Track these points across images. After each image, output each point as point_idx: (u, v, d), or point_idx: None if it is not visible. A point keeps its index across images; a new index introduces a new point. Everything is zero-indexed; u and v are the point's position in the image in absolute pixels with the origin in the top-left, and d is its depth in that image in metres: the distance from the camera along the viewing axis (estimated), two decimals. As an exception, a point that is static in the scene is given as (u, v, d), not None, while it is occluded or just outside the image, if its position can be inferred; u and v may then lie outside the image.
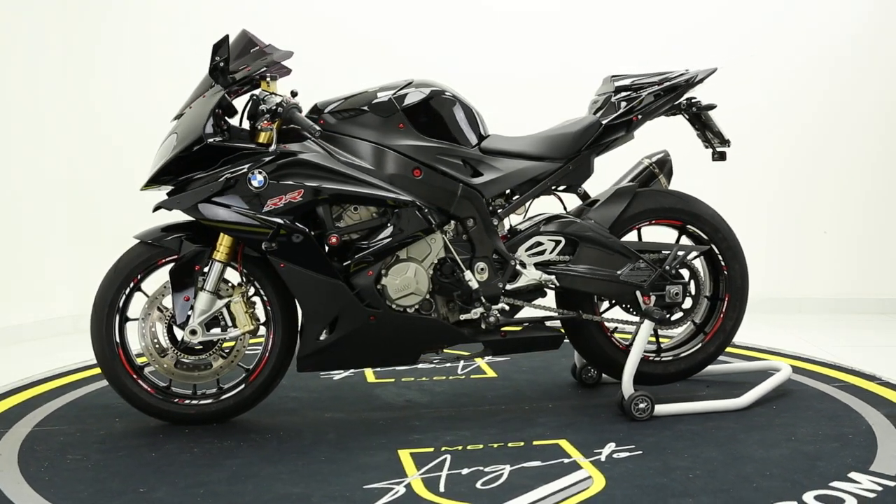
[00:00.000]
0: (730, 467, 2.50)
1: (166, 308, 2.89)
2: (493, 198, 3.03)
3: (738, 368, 3.50)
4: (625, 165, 3.30)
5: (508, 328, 3.03)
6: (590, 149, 3.09)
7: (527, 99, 4.83)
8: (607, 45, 4.93)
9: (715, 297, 3.26)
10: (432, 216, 2.91)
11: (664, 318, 3.04)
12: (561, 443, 2.72)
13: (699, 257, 3.24)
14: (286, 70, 2.95)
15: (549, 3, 4.97)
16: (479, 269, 2.98)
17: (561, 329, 3.13)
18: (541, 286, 3.03)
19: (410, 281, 2.90)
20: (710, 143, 3.22)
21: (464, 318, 2.98)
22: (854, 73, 4.97)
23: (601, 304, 3.18)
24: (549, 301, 3.11)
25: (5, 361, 4.01)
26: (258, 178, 2.76)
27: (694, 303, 3.19)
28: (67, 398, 3.29)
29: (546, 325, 3.10)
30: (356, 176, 2.84)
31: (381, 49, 4.87)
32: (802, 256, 5.06)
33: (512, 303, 3.01)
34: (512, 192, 3.08)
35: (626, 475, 2.45)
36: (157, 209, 2.83)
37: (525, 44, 4.95)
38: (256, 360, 2.95)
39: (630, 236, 3.17)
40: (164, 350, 2.89)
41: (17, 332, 4.45)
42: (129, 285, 2.87)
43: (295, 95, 2.81)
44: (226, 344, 2.91)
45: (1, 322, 4.39)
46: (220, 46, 2.80)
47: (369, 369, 3.64)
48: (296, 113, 2.74)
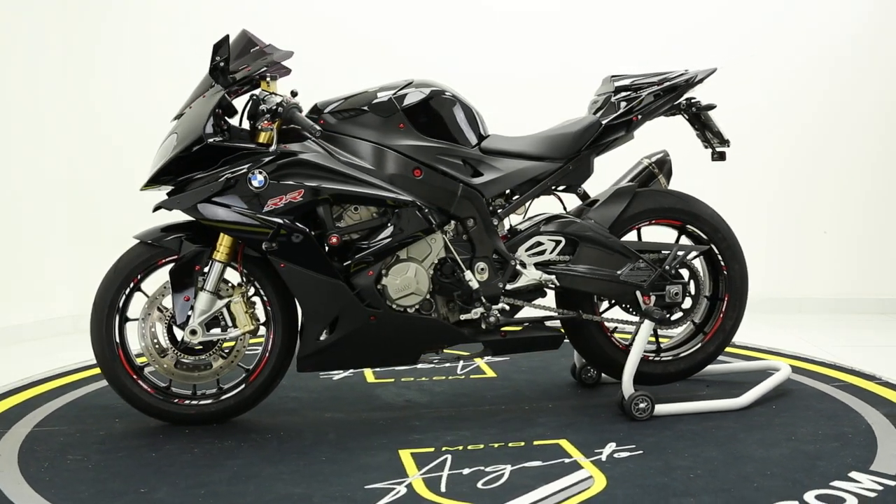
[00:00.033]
0: (730, 467, 2.51)
1: (166, 308, 2.89)
2: (494, 198, 3.03)
3: (737, 368, 3.50)
4: (624, 165, 3.31)
5: (508, 328, 3.03)
6: (590, 149, 3.10)
7: (527, 99, 4.83)
8: (607, 45, 4.94)
9: (714, 297, 3.26)
10: (432, 216, 2.91)
11: (664, 317, 3.04)
12: (561, 443, 2.73)
13: (699, 257, 3.24)
14: (286, 70, 2.95)
15: (549, 3, 4.97)
16: (479, 269, 2.98)
17: (561, 329, 3.13)
18: (541, 286, 3.03)
19: (411, 281, 2.90)
20: (710, 143, 3.22)
21: (464, 318, 2.98)
22: (854, 73, 4.97)
23: (601, 303, 3.18)
24: (549, 301, 3.11)
25: (5, 361, 4.00)
26: (258, 178, 2.76)
27: (693, 303, 3.19)
28: (67, 398, 3.28)
29: (546, 325, 3.10)
30: (356, 176, 2.84)
31: (381, 49, 4.87)
32: (802, 256, 5.06)
33: (512, 303, 3.01)
34: (512, 192, 3.08)
35: (627, 475, 2.45)
36: (157, 209, 2.82)
37: (525, 44, 4.95)
38: (256, 361, 2.95)
39: (630, 236, 3.18)
40: (164, 350, 2.89)
41: (17, 332, 4.45)
42: (129, 285, 2.86)
43: (295, 95, 2.81)
44: (226, 344, 2.91)
45: (1, 322, 4.38)
46: (221, 46, 2.80)
47: (369, 369, 3.64)
48: (296, 113, 2.74)
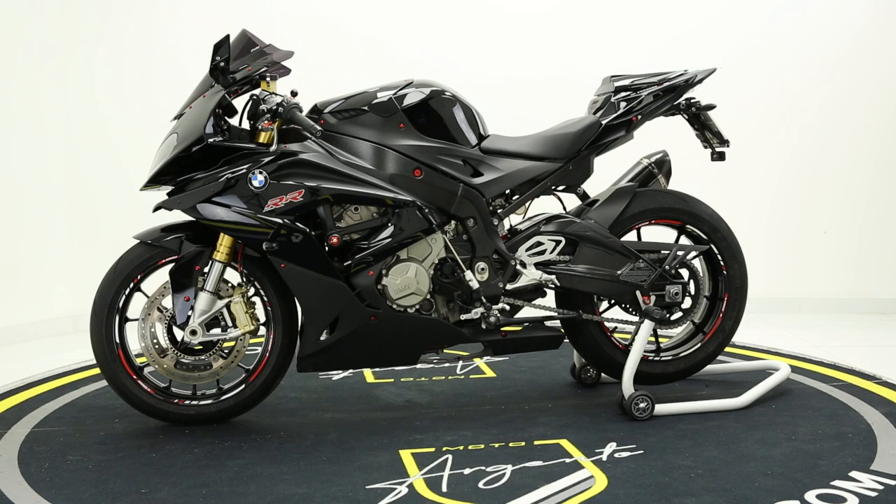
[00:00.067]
0: (731, 466, 2.51)
1: (166, 308, 2.89)
2: (494, 198, 3.03)
3: (736, 368, 3.51)
4: (624, 165, 3.31)
5: (508, 328, 3.03)
6: (590, 149, 3.09)
7: (527, 99, 4.84)
8: (607, 45, 4.94)
9: (714, 297, 3.26)
10: (433, 216, 2.91)
11: (664, 317, 3.04)
12: (562, 442, 2.73)
13: (698, 257, 3.24)
14: (286, 70, 2.95)
15: (550, 3, 4.98)
16: (479, 269, 2.97)
17: (561, 329, 3.13)
18: (541, 286, 3.03)
19: (411, 281, 2.89)
20: (709, 143, 3.22)
21: (464, 318, 2.98)
22: (854, 74, 4.97)
23: (601, 303, 3.18)
24: (549, 301, 3.11)
25: (5, 361, 4.00)
26: (259, 178, 2.75)
27: (693, 302, 3.19)
28: (66, 399, 3.28)
29: (546, 325, 3.10)
30: (357, 176, 2.83)
31: (382, 49, 4.87)
32: (802, 256, 5.06)
33: (512, 303, 3.01)
34: (512, 192, 3.08)
35: (628, 474, 2.45)
36: (157, 209, 2.82)
37: (525, 44, 4.95)
38: (256, 361, 2.94)
39: (630, 236, 3.18)
40: (164, 351, 2.88)
41: (17, 332, 4.45)
42: (129, 286, 2.86)
43: (295, 95, 2.80)
44: (226, 344, 2.91)
45: (1, 322, 4.38)
46: (221, 46, 2.80)
47: (368, 369, 3.64)
48: (297, 113, 2.73)
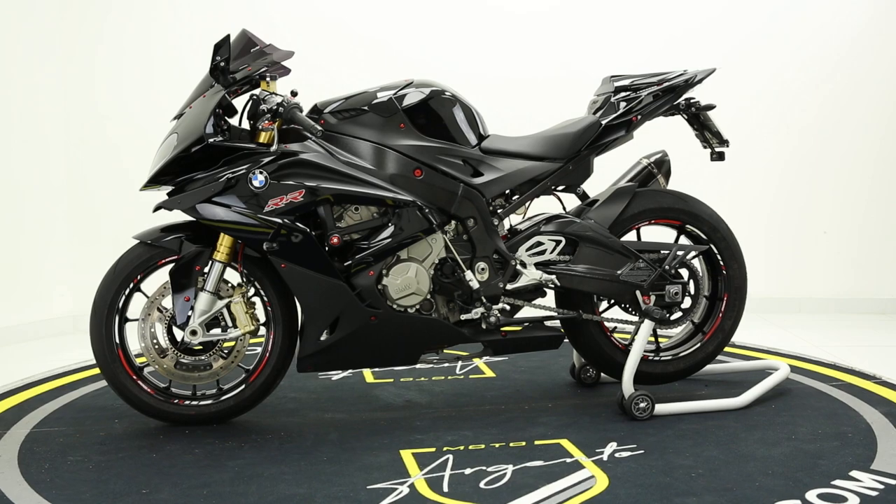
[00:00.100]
0: (732, 466, 2.51)
1: (166, 308, 2.88)
2: (494, 198, 3.03)
3: (736, 368, 3.51)
4: (623, 165, 3.31)
5: (508, 328, 3.03)
6: (589, 149, 3.10)
7: (527, 99, 4.84)
8: (607, 46, 4.94)
9: (714, 297, 3.26)
10: (433, 216, 2.91)
11: (664, 317, 3.04)
12: (562, 442, 2.73)
13: (698, 257, 3.24)
14: (286, 70, 2.95)
15: (550, 3, 4.98)
16: (479, 269, 2.97)
17: (560, 329, 3.13)
18: (541, 286, 3.03)
19: (411, 281, 2.89)
20: (709, 143, 3.22)
21: (464, 318, 2.98)
22: (854, 74, 4.97)
23: (601, 303, 3.18)
24: (549, 301, 3.11)
25: (5, 361, 4.00)
26: (259, 178, 2.75)
27: (693, 302, 3.19)
28: (66, 399, 3.28)
29: (546, 324, 3.10)
30: (357, 176, 2.83)
31: (382, 49, 4.87)
32: (802, 256, 5.07)
33: (512, 302, 3.01)
34: (512, 192, 3.08)
35: (629, 474, 2.45)
36: (157, 209, 2.82)
37: (525, 44, 4.95)
38: (256, 361, 2.94)
39: (629, 236, 3.17)
40: (164, 351, 2.88)
41: (17, 332, 4.45)
42: (129, 286, 2.86)
43: (295, 95, 2.80)
44: (226, 344, 2.91)
45: (1, 322, 4.38)
46: (222, 46, 2.79)
47: (368, 369, 3.64)
48: (297, 113, 2.73)
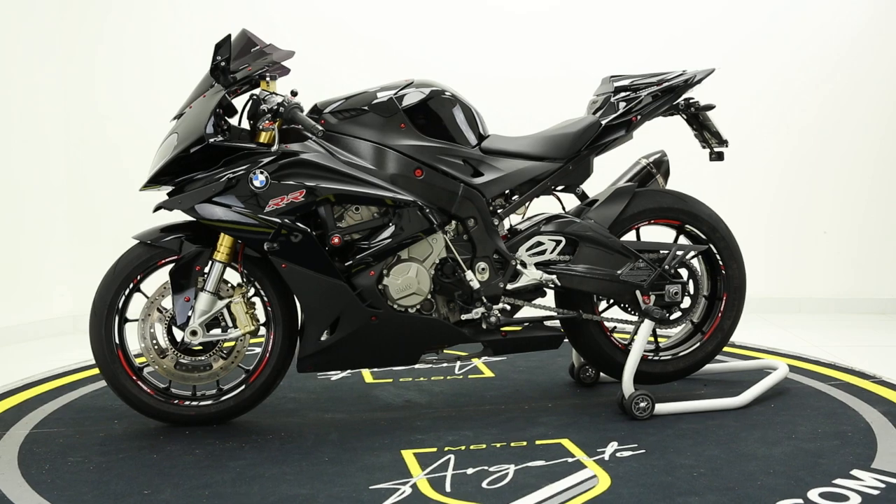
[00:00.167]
0: (733, 465, 2.51)
1: (166, 309, 2.88)
2: (494, 198, 3.03)
3: (734, 367, 3.51)
4: (622, 165, 3.31)
5: (508, 328, 3.03)
6: (589, 149, 3.09)
7: (527, 99, 4.84)
8: (607, 46, 4.94)
9: (713, 297, 3.26)
10: (433, 216, 2.91)
11: (664, 317, 3.04)
12: (563, 442, 2.73)
13: (697, 257, 3.24)
14: (286, 70, 2.94)
15: (550, 3, 4.98)
16: (480, 269, 2.97)
17: (560, 329, 3.13)
18: (541, 286, 3.03)
19: (412, 281, 2.89)
20: (708, 143, 3.22)
21: (464, 317, 2.98)
22: (854, 74, 4.98)
23: (600, 303, 3.18)
24: (548, 301, 3.11)
25: (5, 361, 4.00)
26: (260, 178, 2.75)
27: (692, 302, 3.19)
28: (65, 399, 3.27)
29: (546, 324, 3.10)
30: (358, 176, 2.83)
31: (382, 49, 4.87)
32: (802, 256, 5.07)
33: (512, 302, 3.01)
34: (512, 192, 3.08)
35: (631, 474, 2.45)
36: (157, 209, 2.81)
37: (524, 44, 4.95)
38: (256, 361, 2.94)
39: (629, 236, 3.17)
40: (164, 351, 2.88)
41: (17, 332, 4.44)
42: (129, 286, 2.85)
43: (295, 95, 2.80)
44: (225, 345, 2.90)
45: (1, 322, 4.38)
46: (222, 46, 2.79)
47: (367, 370, 3.64)
48: (298, 113, 2.73)
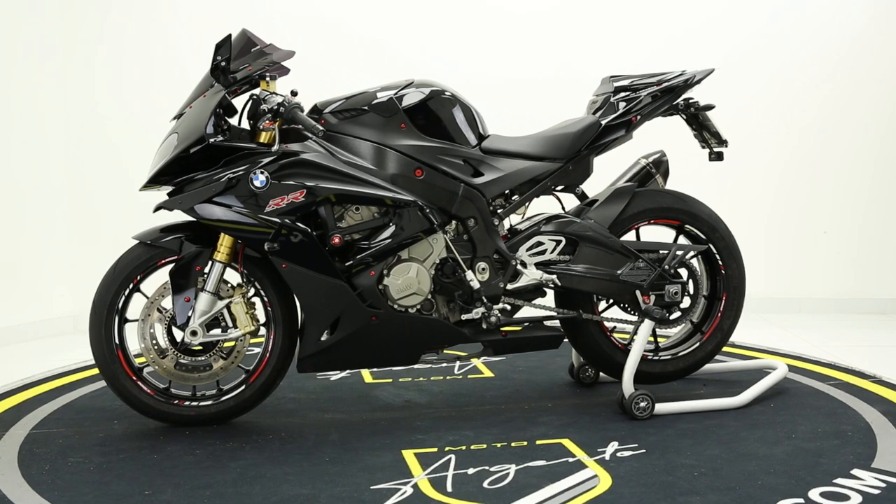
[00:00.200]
0: (734, 465, 2.51)
1: (166, 309, 2.88)
2: (494, 198, 3.03)
3: (734, 367, 3.51)
4: (622, 165, 3.31)
5: (508, 328, 3.03)
6: (589, 149, 3.09)
7: (527, 99, 4.84)
8: (606, 46, 4.94)
9: (712, 297, 3.26)
10: (434, 216, 2.91)
11: (664, 317, 3.04)
12: (564, 442, 2.73)
13: (696, 257, 3.24)
14: (286, 70, 2.94)
15: (550, 3, 4.98)
16: (480, 269, 2.97)
17: (560, 329, 3.13)
18: (541, 286, 3.03)
19: (412, 281, 2.89)
20: (707, 143, 3.22)
21: (465, 317, 2.98)
22: (854, 74, 4.98)
23: (600, 303, 3.18)
24: (548, 301, 3.11)
25: (5, 361, 3.99)
26: (260, 178, 2.75)
27: (692, 302, 3.19)
28: (65, 400, 3.27)
29: (546, 324, 3.10)
30: (358, 176, 2.83)
31: (382, 49, 4.87)
32: (802, 256, 5.07)
33: (512, 302, 3.01)
34: (512, 192, 3.08)
35: (632, 473, 2.45)
36: (157, 210, 2.81)
37: (524, 44, 4.95)
38: (256, 362, 2.93)
39: (629, 236, 3.17)
40: (164, 351, 2.87)
41: (17, 332, 4.44)
42: (129, 286, 2.85)
43: (295, 95, 2.79)
44: (226, 345, 2.90)
45: (1, 322, 4.38)
46: (222, 46, 2.79)
47: (367, 370, 3.64)
48: (298, 113, 2.72)
